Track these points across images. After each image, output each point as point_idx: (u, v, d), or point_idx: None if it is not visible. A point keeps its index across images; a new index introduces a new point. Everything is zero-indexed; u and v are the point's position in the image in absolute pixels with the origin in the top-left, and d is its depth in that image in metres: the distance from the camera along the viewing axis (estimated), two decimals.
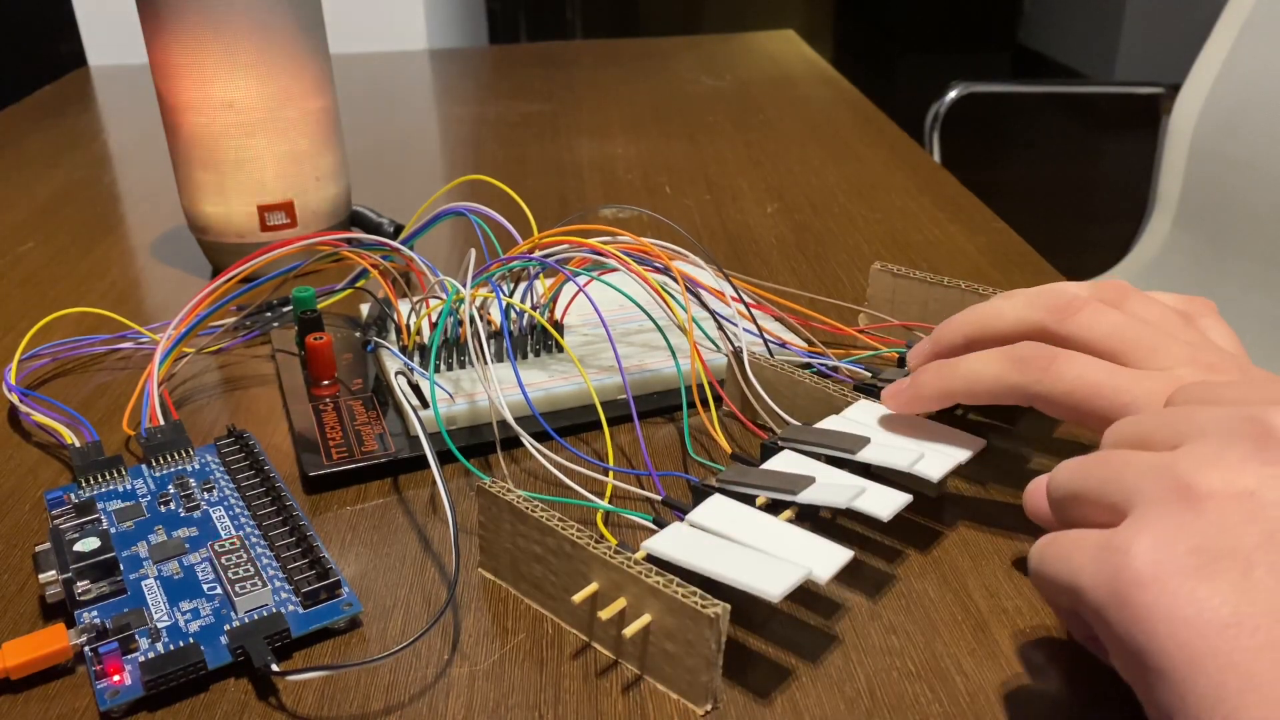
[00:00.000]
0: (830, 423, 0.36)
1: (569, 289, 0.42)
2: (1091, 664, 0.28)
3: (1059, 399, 0.31)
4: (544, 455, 0.34)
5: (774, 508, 0.31)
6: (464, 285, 0.39)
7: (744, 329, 0.41)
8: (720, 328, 0.40)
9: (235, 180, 0.52)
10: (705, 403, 0.39)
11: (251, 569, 0.31)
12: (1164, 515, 0.22)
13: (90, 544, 0.31)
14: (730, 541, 0.29)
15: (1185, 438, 0.24)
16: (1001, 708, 0.27)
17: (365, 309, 0.47)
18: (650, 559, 0.29)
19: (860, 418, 0.36)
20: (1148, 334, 0.31)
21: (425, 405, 0.38)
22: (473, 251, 0.42)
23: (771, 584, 0.26)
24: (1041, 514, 0.29)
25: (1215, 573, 0.21)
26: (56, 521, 0.34)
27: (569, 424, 0.40)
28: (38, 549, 0.32)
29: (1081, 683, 0.28)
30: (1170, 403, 0.27)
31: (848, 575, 0.32)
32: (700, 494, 0.32)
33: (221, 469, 0.37)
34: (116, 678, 0.28)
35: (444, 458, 0.38)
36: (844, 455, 0.33)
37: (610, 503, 0.34)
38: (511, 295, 0.42)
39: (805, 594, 0.31)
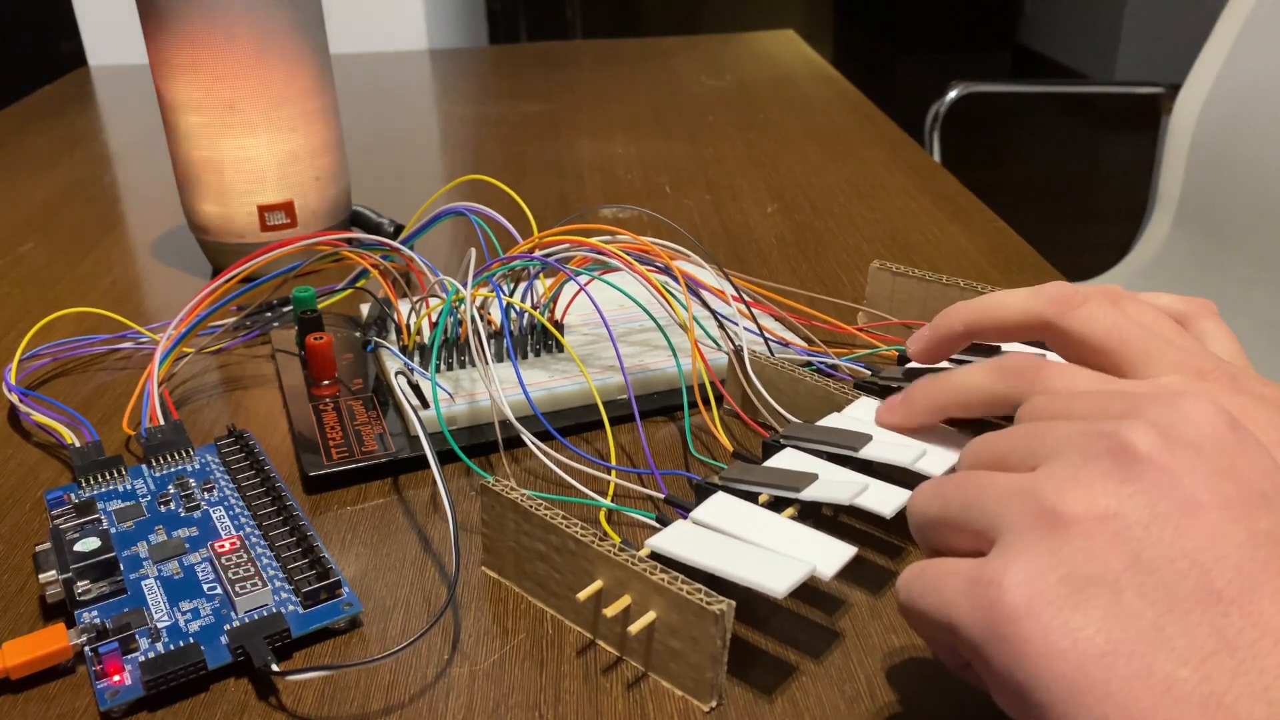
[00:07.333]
0: (831, 420, 0.36)
1: (569, 288, 0.42)
2: None
3: None
4: (546, 454, 0.34)
5: (777, 505, 0.31)
6: (464, 285, 0.39)
7: (744, 328, 0.41)
8: (721, 326, 0.40)
9: (235, 180, 0.52)
10: (706, 401, 0.39)
11: (251, 569, 0.31)
12: (1032, 544, 0.22)
13: (90, 544, 0.31)
14: (734, 539, 0.29)
15: (1042, 458, 0.24)
16: None
17: (365, 309, 0.47)
18: (654, 556, 0.29)
19: (861, 415, 0.36)
20: (1144, 337, 0.31)
21: (425, 405, 0.38)
22: (473, 251, 0.42)
23: (776, 581, 0.26)
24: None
25: (1086, 600, 0.21)
26: (57, 521, 0.34)
27: (570, 423, 0.40)
28: (38, 549, 0.32)
29: None
30: (1021, 418, 0.27)
31: (850, 572, 0.32)
32: (703, 492, 0.32)
33: (221, 469, 0.37)
34: (116, 678, 0.28)
35: (444, 458, 0.38)
36: (846, 452, 0.33)
37: (613, 501, 0.34)
38: (512, 295, 0.42)
39: (808, 591, 0.31)
